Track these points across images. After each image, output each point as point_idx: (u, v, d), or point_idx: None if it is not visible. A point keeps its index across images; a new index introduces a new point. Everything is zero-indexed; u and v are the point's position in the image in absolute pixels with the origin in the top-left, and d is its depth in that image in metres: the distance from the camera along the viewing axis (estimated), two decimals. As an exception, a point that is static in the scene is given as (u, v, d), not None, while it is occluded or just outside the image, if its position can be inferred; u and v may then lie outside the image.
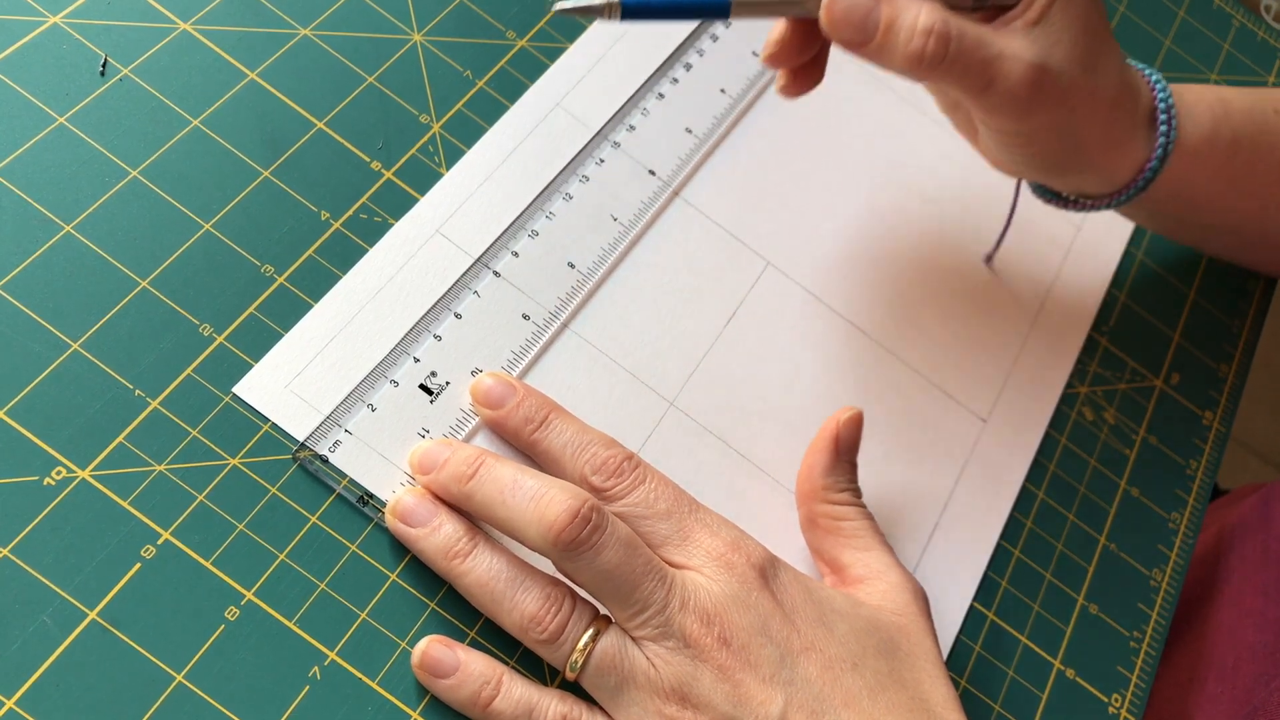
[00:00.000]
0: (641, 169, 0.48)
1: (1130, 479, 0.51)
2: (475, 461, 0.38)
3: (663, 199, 0.48)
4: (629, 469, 0.39)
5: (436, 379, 0.41)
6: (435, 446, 0.39)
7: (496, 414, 0.40)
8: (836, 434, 0.42)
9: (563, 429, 0.40)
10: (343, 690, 0.36)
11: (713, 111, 0.50)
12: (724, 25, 0.53)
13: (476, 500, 0.37)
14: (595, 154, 0.47)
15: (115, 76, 0.42)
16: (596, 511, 0.36)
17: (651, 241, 0.47)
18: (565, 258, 0.45)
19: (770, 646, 0.37)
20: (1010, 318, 0.52)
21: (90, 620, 0.35)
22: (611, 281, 0.46)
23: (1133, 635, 0.48)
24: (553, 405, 0.41)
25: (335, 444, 0.39)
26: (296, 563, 0.38)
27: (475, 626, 0.39)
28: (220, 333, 0.40)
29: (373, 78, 0.46)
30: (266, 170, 0.43)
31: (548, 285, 0.44)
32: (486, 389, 0.41)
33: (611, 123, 0.48)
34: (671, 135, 0.49)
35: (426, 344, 0.42)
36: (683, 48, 0.51)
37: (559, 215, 0.46)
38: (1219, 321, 0.57)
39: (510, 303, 0.43)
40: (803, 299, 0.48)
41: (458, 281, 0.43)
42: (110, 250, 0.39)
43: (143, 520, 0.36)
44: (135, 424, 0.38)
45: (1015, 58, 0.41)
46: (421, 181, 0.44)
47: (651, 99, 0.50)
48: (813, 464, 0.42)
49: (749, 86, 0.52)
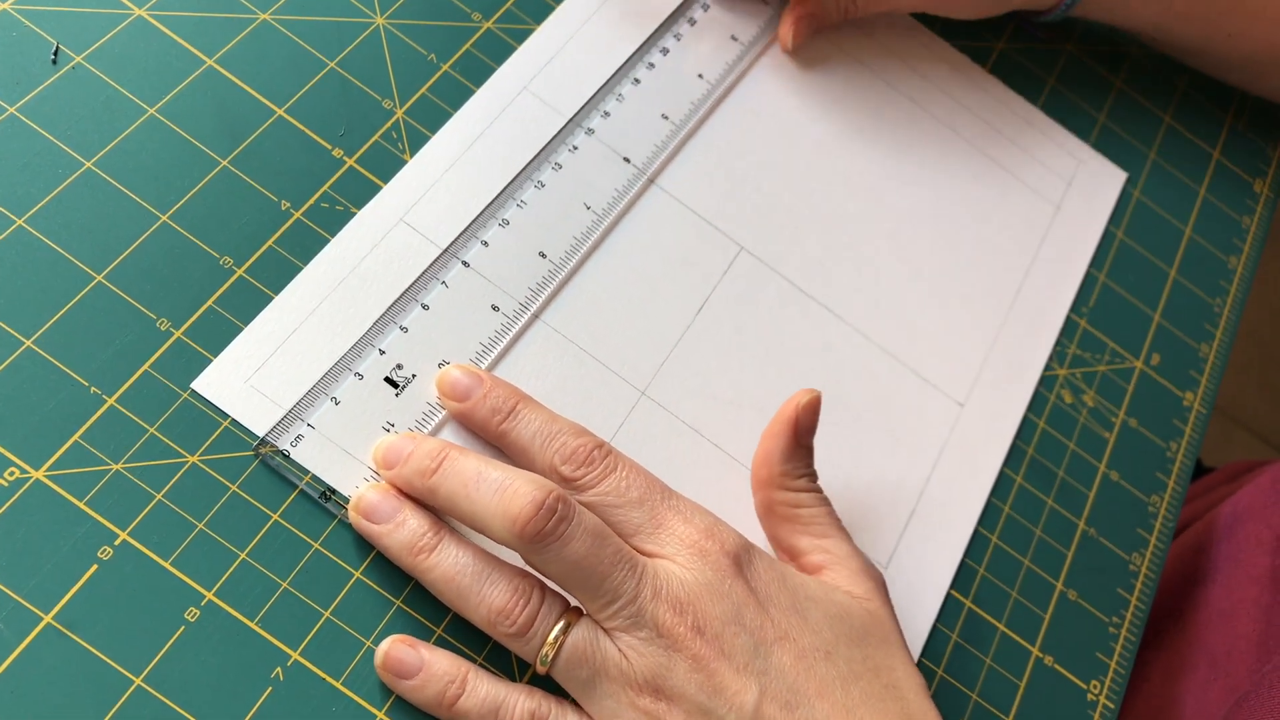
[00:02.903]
0: (616, 156, 0.47)
1: (1110, 462, 0.50)
2: (439, 455, 0.37)
3: (637, 186, 0.47)
4: (599, 457, 0.38)
5: (402, 371, 0.40)
6: (399, 440, 0.38)
7: (463, 406, 0.40)
8: (795, 418, 0.41)
9: (531, 419, 0.39)
10: (306, 691, 0.36)
11: (690, 97, 0.49)
12: (702, 8, 0.51)
13: (441, 495, 0.37)
14: (569, 141, 0.46)
15: (68, 64, 0.41)
16: (562, 502, 0.35)
17: (626, 230, 0.46)
18: (537, 247, 0.44)
19: (744, 635, 0.36)
20: (987, 300, 0.51)
21: (46, 624, 0.34)
22: (584, 271, 0.45)
23: (1112, 621, 0.47)
24: (521, 395, 0.40)
25: (297, 438, 0.38)
26: (258, 562, 0.37)
27: (442, 624, 0.38)
28: (178, 327, 0.39)
29: (334, 63, 0.45)
30: (225, 159, 0.42)
31: (518, 275, 0.43)
32: (453, 381, 0.40)
33: (585, 109, 0.47)
34: (647, 122, 0.48)
35: (392, 336, 0.41)
36: (659, 32, 0.50)
37: (530, 204, 0.45)
38: (1200, 301, 0.56)
39: (479, 293, 0.43)
40: (776, 284, 0.47)
41: (425, 272, 0.42)
42: (64, 244, 0.39)
43: (99, 521, 0.36)
44: (91, 422, 0.37)
45: None
46: (385, 169, 0.44)
47: (627, 84, 0.49)
48: (770, 449, 0.41)
49: (727, 72, 0.51)
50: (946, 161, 0.53)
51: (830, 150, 0.51)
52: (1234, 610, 0.50)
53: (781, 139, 0.51)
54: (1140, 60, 0.61)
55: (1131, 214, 0.57)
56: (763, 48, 0.52)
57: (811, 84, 0.52)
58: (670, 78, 0.50)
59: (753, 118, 0.50)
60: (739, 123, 0.50)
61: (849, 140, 0.52)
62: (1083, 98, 0.58)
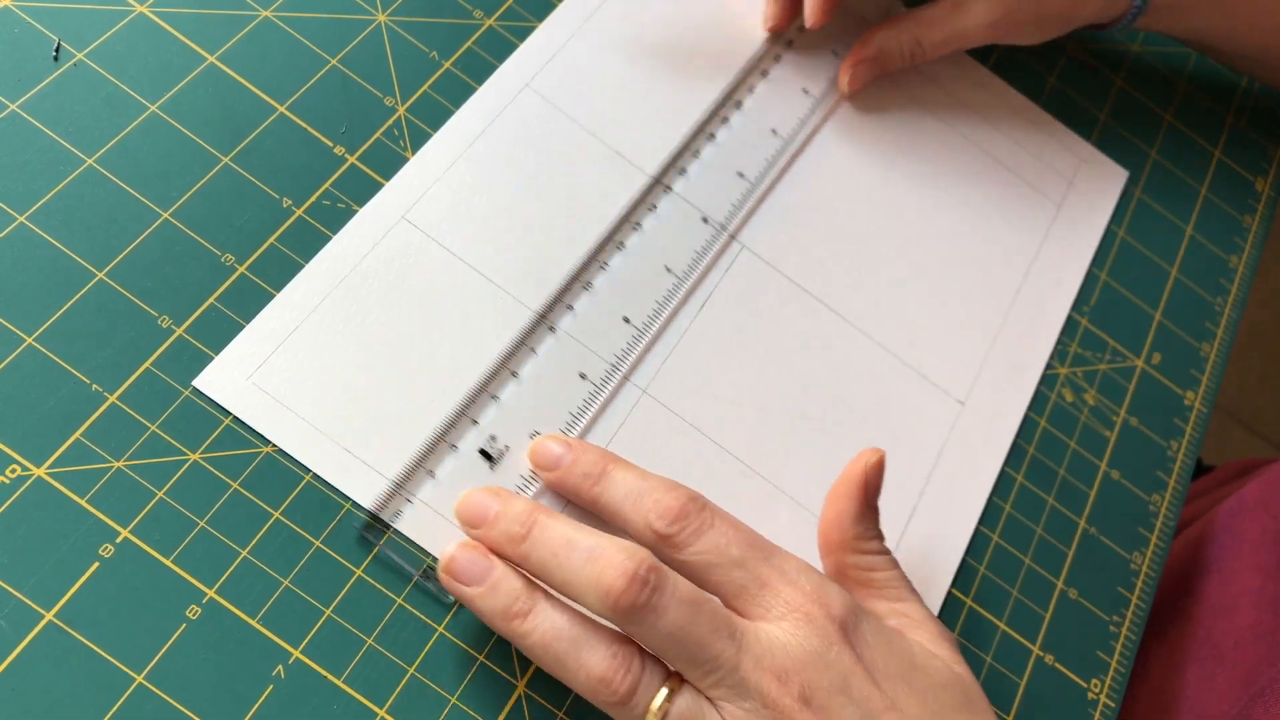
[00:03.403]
0: (695, 214, 0.47)
1: (1110, 461, 0.50)
2: (528, 520, 0.36)
3: (717, 246, 0.47)
4: (694, 511, 0.36)
5: (496, 443, 0.41)
6: (482, 496, 0.38)
7: (555, 475, 0.39)
8: (865, 480, 0.40)
9: (621, 479, 0.38)
10: (308, 689, 0.36)
11: (764, 154, 0.50)
12: (774, 59, 0.52)
13: (532, 562, 0.36)
14: (648, 200, 0.47)
15: (69, 61, 0.41)
16: (654, 571, 0.34)
17: (707, 289, 0.46)
18: (621, 312, 0.44)
19: (851, 707, 0.35)
20: (988, 298, 0.51)
21: (47, 622, 0.34)
22: (668, 334, 0.45)
23: (1112, 620, 0.47)
24: (610, 458, 0.39)
25: (397, 513, 0.39)
26: (259, 560, 0.37)
27: (443, 621, 0.38)
28: (179, 325, 0.39)
29: (336, 60, 0.45)
30: (226, 157, 0.42)
31: (604, 341, 0.44)
32: (544, 451, 0.40)
33: (665, 167, 0.47)
34: (724, 179, 0.48)
35: (485, 406, 0.41)
36: (734, 85, 0.50)
37: (613, 267, 0.45)
38: (1201, 299, 0.56)
39: (568, 360, 0.43)
40: (776, 281, 0.47)
41: (517, 340, 0.42)
42: (65, 241, 0.38)
43: (101, 518, 0.36)
44: (92, 420, 0.37)
45: (978, 23, 0.51)
46: (386, 166, 0.43)
47: (704, 141, 0.49)
48: (840, 512, 0.40)
49: (799, 126, 0.51)
50: (947, 159, 0.53)
51: (837, 153, 0.51)
52: (1236, 603, 0.50)
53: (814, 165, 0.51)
54: (1141, 59, 0.61)
55: (1133, 213, 0.57)
56: (836, 101, 0.53)
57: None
58: (746, 133, 0.50)
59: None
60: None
61: (860, 144, 0.52)
62: (1084, 96, 0.58)
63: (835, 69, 0.53)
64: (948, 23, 0.52)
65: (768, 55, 0.52)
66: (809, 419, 0.45)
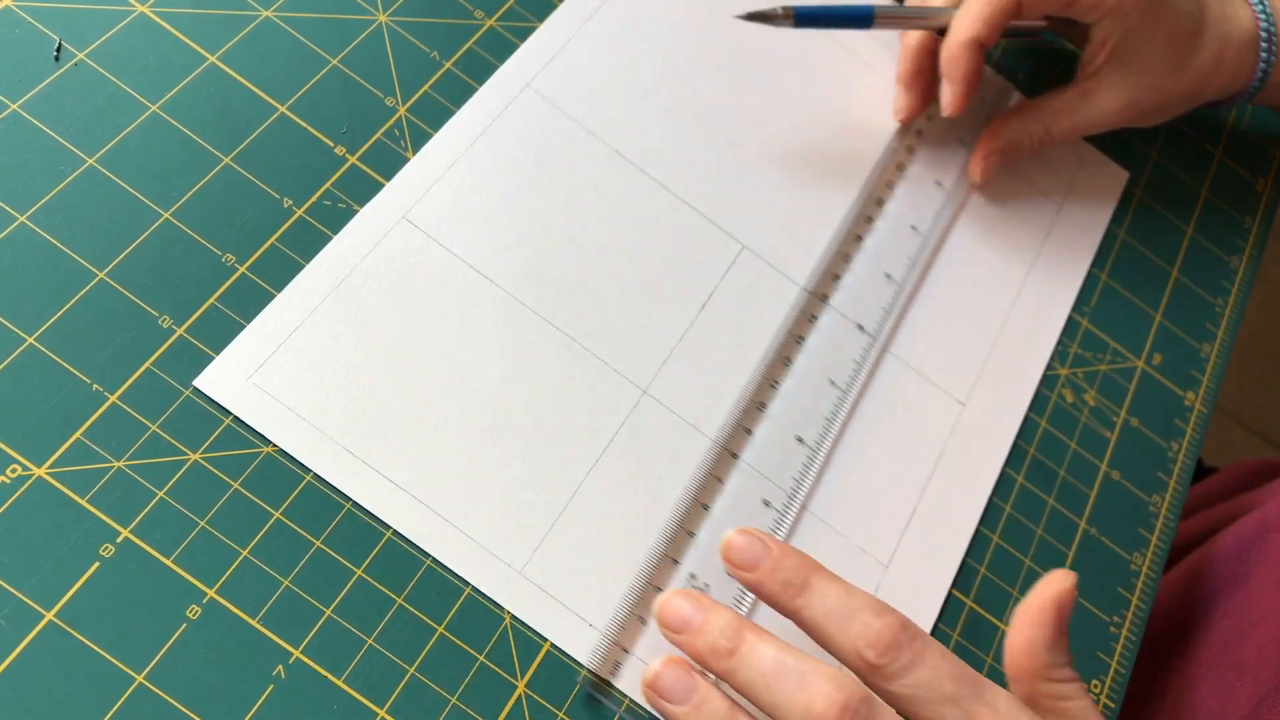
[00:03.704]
0: (851, 324, 0.47)
1: (1111, 462, 0.50)
2: (735, 636, 0.36)
3: (873, 355, 0.47)
4: (906, 641, 0.36)
5: (696, 581, 0.41)
6: (685, 604, 0.38)
7: (752, 577, 0.38)
8: (1059, 608, 0.38)
9: (826, 594, 0.37)
10: (308, 689, 0.36)
11: (906, 253, 0.50)
12: (906, 150, 0.52)
13: (739, 679, 0.36)
14: (807, 311, 0.47)
15: (70, 61, 0.41)
16: (865, 703, 0.34)
17: (869, 401, 0.47)
18: (794, 431, 0.45)
19: None
20: (989, 298, 0.51)
21: (47, 621, 0.34)
22: (837, 454, 0.45)
23: (1112, 621, 0.47)
24: (813, 567, 0.38)
25: (616, 665, 0.39)
26: (259, 559, 0.37)
27: (443, 622, 0.38)
28: (180, 325, 0.39)
29: (337, 60, 0.45)
30: (227, 157, 0.42)
31: (781, 466, 0.44)
32: (740, 548, 0.38)
33: (818, 275, 0.48)
34: (873, 283, 0.49)
35: (683, 544, 0.42)
36: (873, 181, 0.51)
37: (782, 385, 0.45)
38: (1202, 300, 0.56)
39: (752, 489, 0.43)
40: (775, 280, 0.47)
41: (704, 469, 0.43)
42: (66, 241, 0.38)
43: (101, 518, 0.36)
44: (93, 419, 0.37)
45: (1105, 111, 0.52)
46: (387, 166, 0.44)
47: (852, 244, 0.49)
48: (1033, 639, 0.38)
49: (935, 220, 0.51)
50: (947, 159, 0.53)
51: (805, 127, 0.51)
52: (1263, 618, 0.50)
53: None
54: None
55: (1133, 213, 0.57)
56: (967, 192, 0.53)
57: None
58: (889, 233, 0.50)
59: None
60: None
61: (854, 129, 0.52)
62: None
63: (962, 158, 0.53)
64: (1076, 112, 0.52)
65: (900, 149, 0.52)
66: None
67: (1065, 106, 0.53)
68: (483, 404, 0.41)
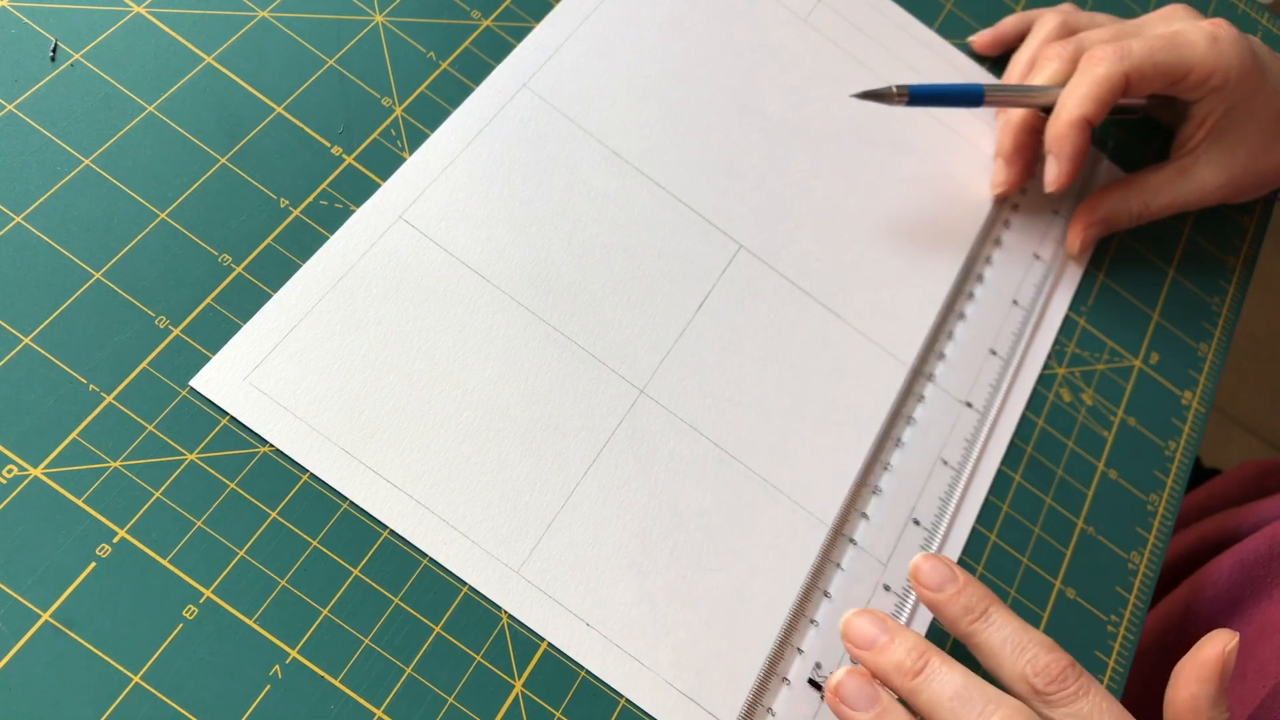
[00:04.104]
0: (958, 403, 0.48)
1: (1108, 461, 0.50)
2: (921, 657, 0.38)
3: (984, 434, 0.48)
4: (1073, 675, 0.38)
5: (821, 672, 0.42)
6: (871, 624, 0.39)
7: (938, 597, 0.40)
8: (1223, 665, 0.40)
9: (1003, 624, 0.39)
10: (305, 689, 0.36)
11: (1010, 328, 0.51)
12: (1004, 225, 0.53)
13: (921, 699, 0.38)
14: (915, 390, 0.47)
15: (66, 62, 0.41)
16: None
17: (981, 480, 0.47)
18: (908, 514, 0.45)
19: None
20: (987, 298, 0.51)
21: (44, 621, 0.34)
22: (952, 537, 0.46)
23: (1110, 620, 0.47)
24: (992, 598, 0.40)
25: None
26: (256, 559, 0.37)
27: (440, 622, 0.38)
28: (176, 325, 0.39)
29: (333, 60, 0.45)
30: (224, 157, 0.42)
31: (898, 548, 0.44)
32: (927, 572, 0.41)
33: (925, 353, 0.48)
34: (978, 359, 0.49)
35: (807, 633, 0.42)
36: (973, 256, 0.51)
37: (895, 466, 0.46)
38: (1199, 300, 0.56)
39: (869, 573, 0.44)
40: (774, 281, 0.47)
41: (821, 557, 0.43)
42: (62, 241, 0.38)
43: (98, 518, 0.36)
44: (89, 420, 0.37)
45: (1203, 189, 0.53)
46: (384, 166, 0.44)
47: (955, 321, 0.50)
48: (1196, 695, 0.40)
49: (1036, 294, 0.52)
50: (945, 160, 0.53)
51: (832, 136, 0.51)
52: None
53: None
54: (1139, 59, 0.61)
55: (1130, 213, 0.57)
56: (1062, 263, 0.53)
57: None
58: (990, 308, 0.51)
59: None
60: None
61: (847, 118, 0.52)
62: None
63: (1057, 229, 0.54)
64: (1174, 189, 0.54)
65: (998, 222, 0.53)
66: (806, 420, 0.45)
67: (1165, 183, 0.54)
68: (479, 404, 0.41)
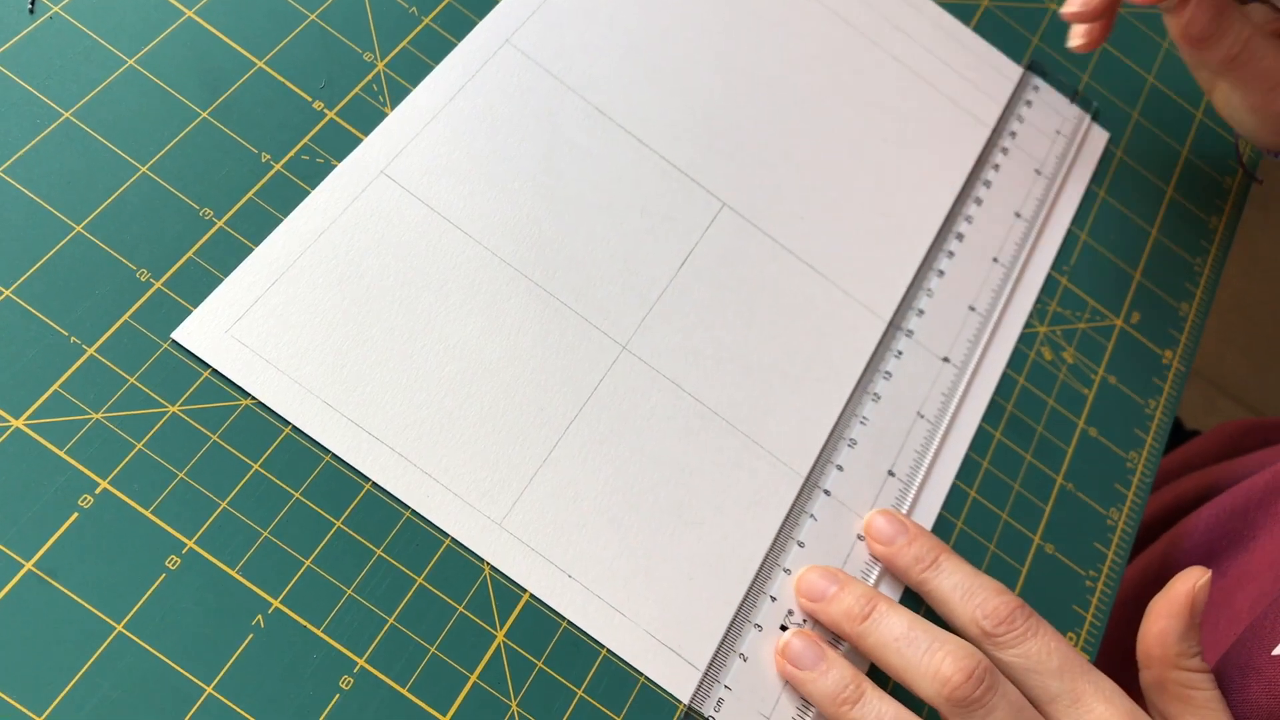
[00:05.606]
0: (935, 358, 0.48)
1: (1088, 418, 0.51)
2: (869, 604, 0.39)
3: (961, 387, 0.48)
4: (1021, 618, 0.39)
5: (793, 618, 0.42)
6: (820, 578, 0.41)
7: (889, 550, 0.42)
8: (1193, 600, 0.40)
9: (953, 571, 0.41)
10: (287, 638, 0.36)
11: (990, 285, 0.51)
12: (984, 185, 0.53)
13: (869, 642, 0.39)
14: (893, 346, 0.48)
15: (45, 14, 0.41)
16: (989, 672, 0.37)
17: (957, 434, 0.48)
18: (885, 466, 0.46)
19: None
20: (969, 257, 0.51)
21: (26, 571, 0.34)
22: (928, 488, 0.46)
23: (1088, 575, 0.48)
24: (942, 547, 0.42)
25: (719, 702, 0.40)
26: (239, 510, 0.37)
27: (423, 573, 0.38)
28: (158, 278, 0.39)
29: (315, 15, 0.44)
30: (205, 111, 0.41)
31: (872, 498, 0.45)
32: (879, 527, 0.42)
33: (901, 308, 0.49)
34: (956, 315, 0.49)
35: (778, 580, 0.42)
36: (951, 215, 0.51)
37: (871, 419, 0.46)
38: (1181, 260, 0.56)
39: (844, 524, 0.44)
40: (759, 241, 0.47)
41: (793, 507, 0.43)
42: (42, 194, 0.38)
43: (80, 469, 0.36)
44: (71, 371, 0.37)
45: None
46: (365, 121, 0.43)
47: (933, 278, 0.50)
48: (1165, 629, 0.40)
49: (1018, 251, 0.52)
50: (927, 119, 0.53)
51: (822, 96, 0.51)
52: (1262, 572, 0.51)
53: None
54: (1123, 19, 0.61)
55: (1114, 173, 0.57)
56: (1044, 221, 0.53)
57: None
58: (969, 264, 0.51)
59: None
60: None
61: (839, 88, 0.52)
62: (1066, 57, 0.58)
63: (1040, 189, 0.54)
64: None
65: (979, 181, 0.53)
66: (787, 376, 0.45)
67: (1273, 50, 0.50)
68: (462, 358, 0.41)
